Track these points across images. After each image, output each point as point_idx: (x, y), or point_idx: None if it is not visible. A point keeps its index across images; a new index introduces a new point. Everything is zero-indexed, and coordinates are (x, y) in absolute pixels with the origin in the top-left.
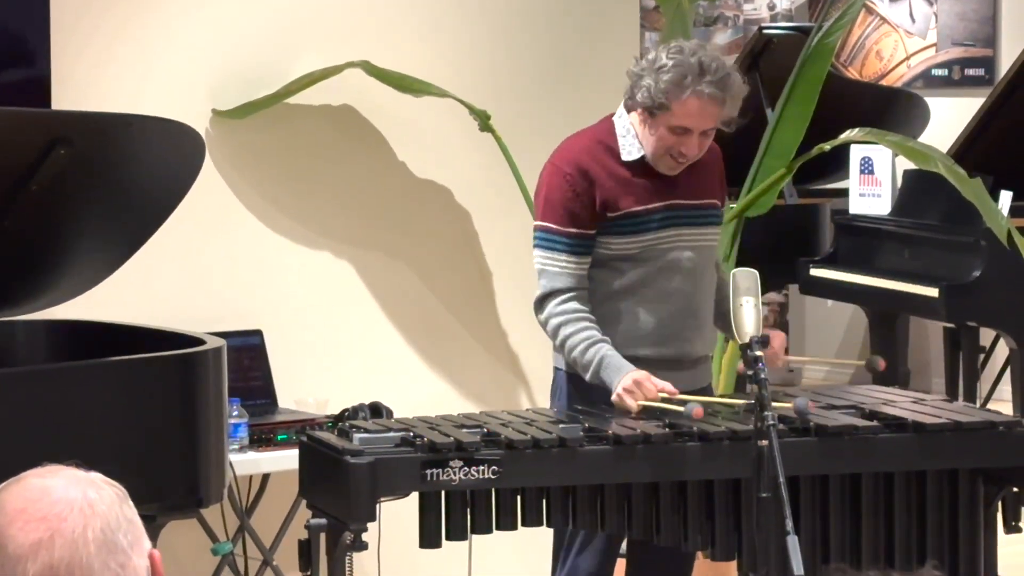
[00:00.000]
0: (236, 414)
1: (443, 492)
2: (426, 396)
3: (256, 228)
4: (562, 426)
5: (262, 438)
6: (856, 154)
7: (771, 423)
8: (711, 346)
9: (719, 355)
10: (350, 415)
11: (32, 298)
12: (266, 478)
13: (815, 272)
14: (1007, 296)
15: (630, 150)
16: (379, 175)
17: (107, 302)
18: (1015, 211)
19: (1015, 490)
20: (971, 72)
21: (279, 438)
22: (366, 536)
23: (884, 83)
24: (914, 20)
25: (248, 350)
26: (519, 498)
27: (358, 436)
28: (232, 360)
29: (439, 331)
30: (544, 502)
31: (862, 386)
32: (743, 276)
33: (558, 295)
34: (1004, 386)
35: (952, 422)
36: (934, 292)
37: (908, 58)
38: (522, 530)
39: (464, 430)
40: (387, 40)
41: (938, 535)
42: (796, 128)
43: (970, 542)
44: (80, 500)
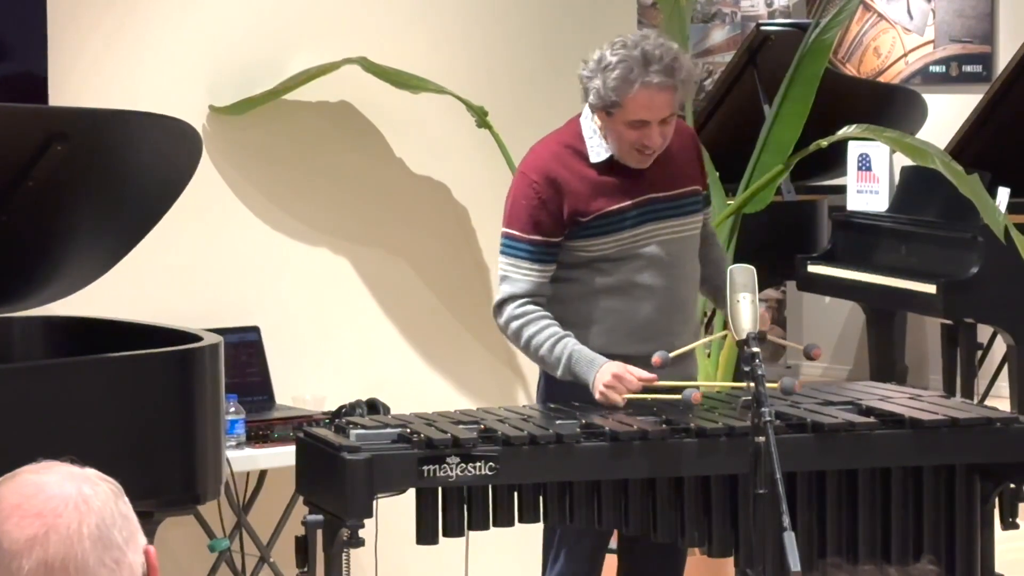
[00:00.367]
0: (233, 410)
1: (440, 488)
2: (423, 392)
3: (253, 224)
4: (559, 422)
5: (259, 434)
6: (854, 151)
7: (768, 419)
8: (697, 335)
9: (716, 351)
10: (347, 411)
11: (29, 295)
12: (263, 474)
13: (813, 269)
14: (1004, 292)
15: (598, 151)
16: (376, 171)
17: (104, 298)
18: (1013, 207)
19: (1012, 486)
20: (969, 69)
21: (276, 434)
22: (363, 532)
23: (882, 80)
24: (912, 16)
25: (245, 346)
26: (516, 494)
27: (355, 432)
28: (229, 356)
29: (436, 327)
30: (541, 498)
31: (859, 382)
32: (740, 272)
33: (516, 299)
34: (1001, 382)
35: (949, 418)
36: (932, 288)
37: (906, 55)
38: (519, 526)
39: (461, 426)
40: (384, 36)
41: (935, 531)
42: (794, 125)
43: (967, 538)
44: (75, 496)
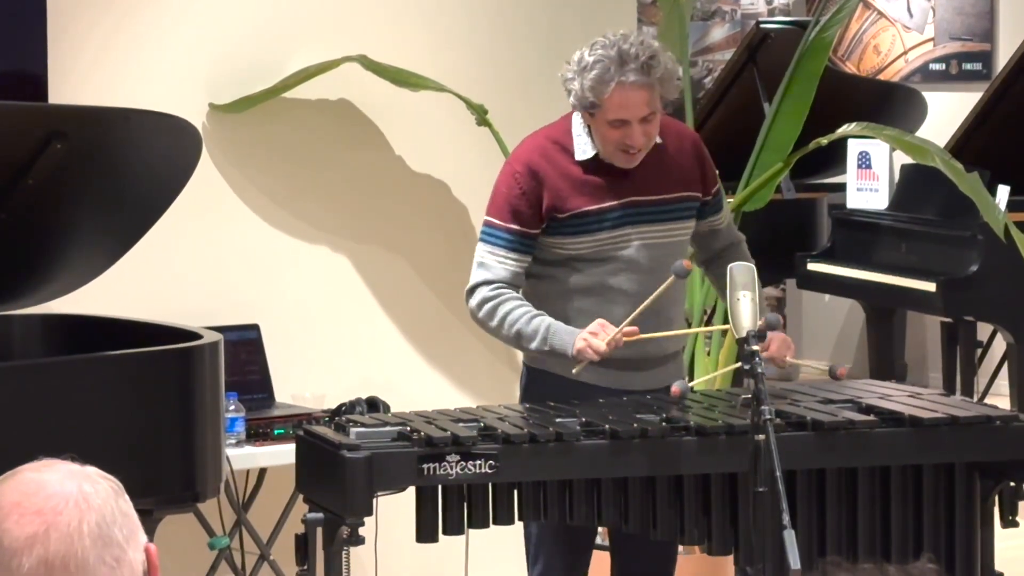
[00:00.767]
0: (233, 408)
1: (440, 486)
2: (423, 390)
3: (253, 222)
4: (559, 420)
5: (259, 432)
6: (854, 149)
7: (768, 417)
8: (680, 341)
9: (716, 350)
10: (347, 409)
11: (28, 292)
12: (263, 472)
13: (812, 267)
14: (1004, 290)
15: (584, 148)
16: (376, 169)
17: (103, 296)
18: (1012, 205)
19: (1012, 484)
20: (969, 67)
21: (276, 432)
22: (363, 530)
23: (882, 77)
24: (912, 15)
25: (245, 344)
26: (516, 492)
27: (355, 431)
28: (229, 354)
29: (436, 325)
30: (541, 496)
31: (859, 380)
32: (740, 270)
33: (489, 284)
34: (1001, 380)
35: (949, 416)
36: (931, 287)
37: (906, 52)
38: (519, 524)
39: (461, 424)
40: (384, 34)
41: (935, 529)
42: (793, 122)
43: (967, 536)
44: (75, 494)
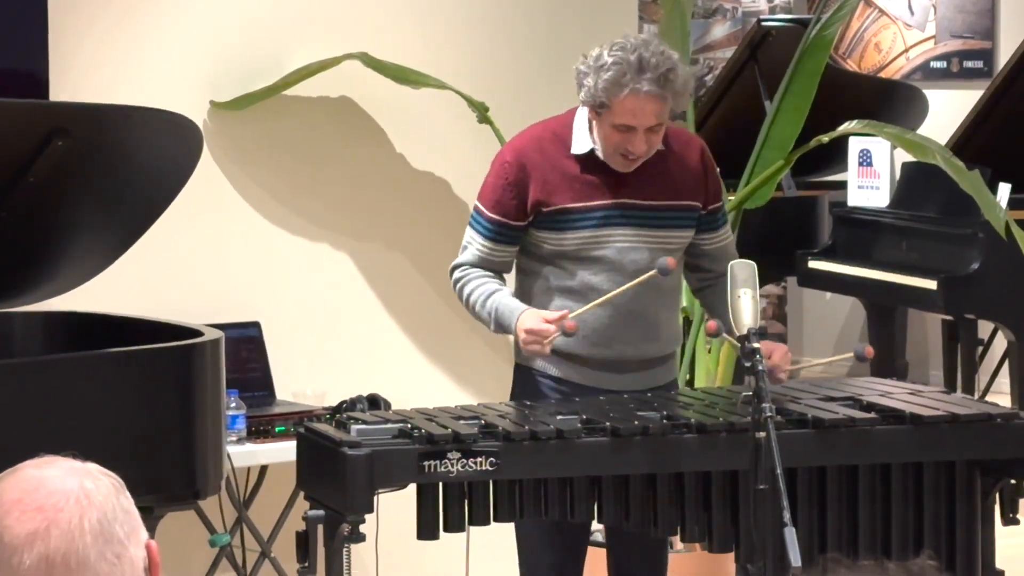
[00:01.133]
0: (234, 406)
1: (441, 484)
2: (424, 388)
3: (254, 220)
4: (560, 418)
5: (260, 430)
6: (855, 146)
7: (768, 415)
8: (668, 346)
9: (717, 348)
10: (348, 407)
11: (29, 290)
12: (264, 470)
13: (813, 264)
14: (1005, 288)
15: (581, 143)
16: (377, 167)
17: (104, 294)
18: (1013, 203)
19: (1012, 482)
20: (970, 64)
21: (277, 430)
22: (364, 528)
23: (883, 75)
24: (913, 12)
25: (246, 342)
26: (517, 490)
27: (356, 428)
28: (230, 352)
29: (437, 323)
30: (542, 494)
31: (860, 378)
32: (740, 268)
33: (462, 266)
34: (1002, 378)
35: (950, 414)
36: (932, 284)
37: (907, 50)
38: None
39: (462, 422)
40: (385, 32)
41: (935, 527)
42: (794, 120)
43: (967, 534)
44: (76, 490)
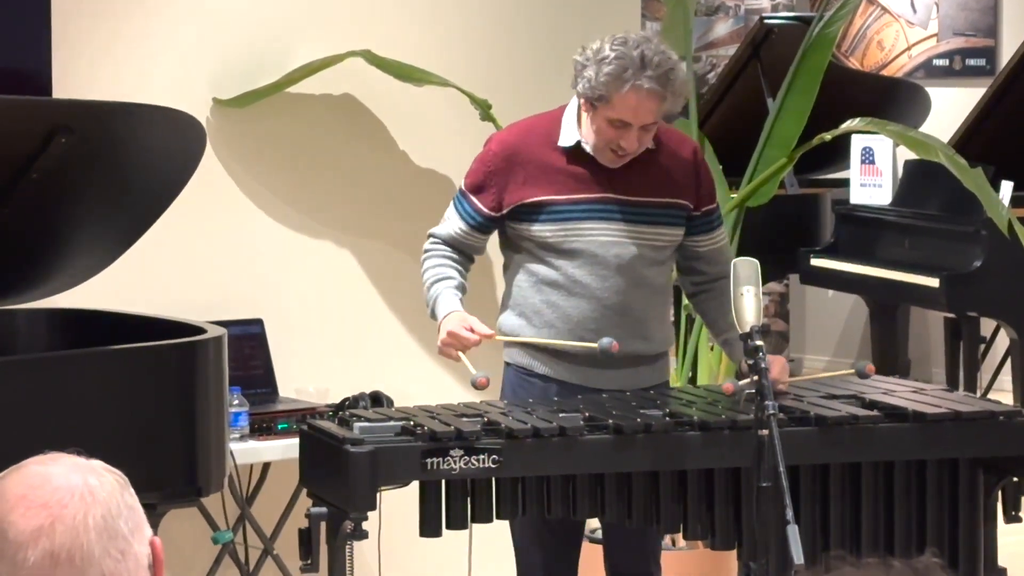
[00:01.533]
0: (237, 403)
1: (443, 481)
2: (427, 385)
3: (257, 217)
4: (562, 415)
5: (263, 427)
6: (857, 144)
7: (771, 412)
8: (659, 346)
9: (719, 347)
10: (351, 404)
11: (33, 287)
12: (267, 467)
13: (816, 262)
14: (1008, 286)
15: (569, 135)
16: (380, 164)
17: (108, 291)
18: (1016, 201)
19: (1015, 480)
20: (972, 62)
21: (280, 427)
22: (366, 525)
23: (885, 73)
24: (915, 10)
25: (249, 339)
26: (519, 487)
27: (359, 425)
28: (233, 349)
29: None
30: (544, 491)
31: None
32: (743, 265)
33: (440, 240)
34: (1004, 376)
35: (952, 412)
36: (934, 282)
37: (909, 48)
38: None
39: (464, 419)
40: (388, 29)
41: (938, 525)
42: (797, 118)
43: (970, 531)
44: (81, 487)
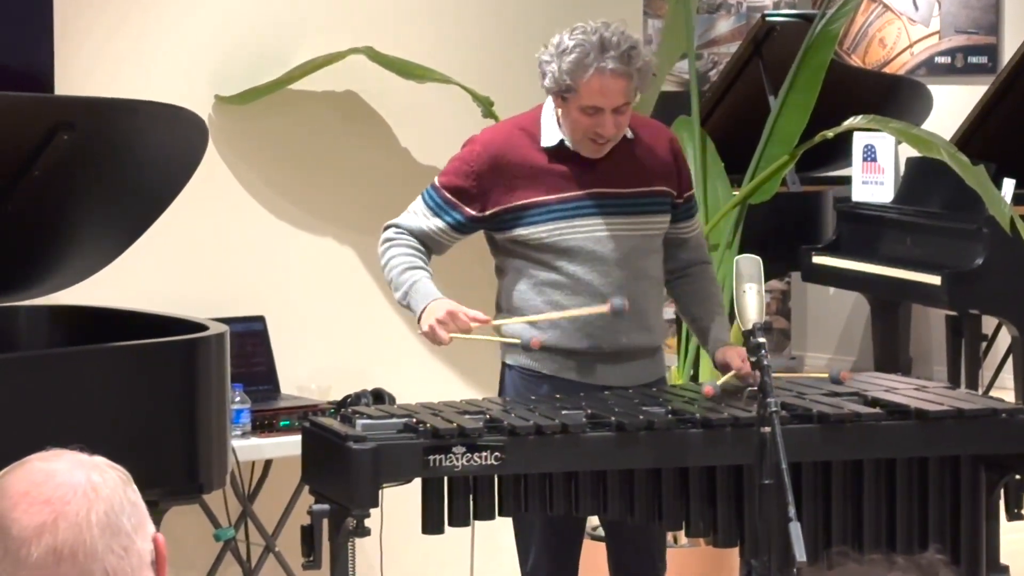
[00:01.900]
0: (238, 400)
1: (446, 478)
2: (429, 382)
3: (259, 214)
4: (565, 412)
5: (264, 424)
6: (859, 142)
7: (773, 410)
8: (659, 337)
9: None
10: (353, 401)
11: (35, 283)
12: (268, 464)
13: (817, 260)
14: (1009, 284)
15: (550, 135)
16: (382, 161)
17: (110, 287)
18: (1018, 199)
19: (1017, 477)
20: (974, 60)
21: (281, 424)
22: (368, 522)
23: (887, 71)
24: (917, 8)
25: (251, 336)
26: (522, 484)
27: (361, 422)
28: (235, 346)
29: None
30: (547, 488)
31: (864, 373)
32: (746, 262)
33: (404, 230)
34: (1006, 374)
35: (954, 409)
36: (936, 280)
37: (911, 46)
38: None
39: (467, 416)
40: (390, 26)
41: (940, 522)
42: (799, 116)
43: (972, 529)
44: (84, 483)
